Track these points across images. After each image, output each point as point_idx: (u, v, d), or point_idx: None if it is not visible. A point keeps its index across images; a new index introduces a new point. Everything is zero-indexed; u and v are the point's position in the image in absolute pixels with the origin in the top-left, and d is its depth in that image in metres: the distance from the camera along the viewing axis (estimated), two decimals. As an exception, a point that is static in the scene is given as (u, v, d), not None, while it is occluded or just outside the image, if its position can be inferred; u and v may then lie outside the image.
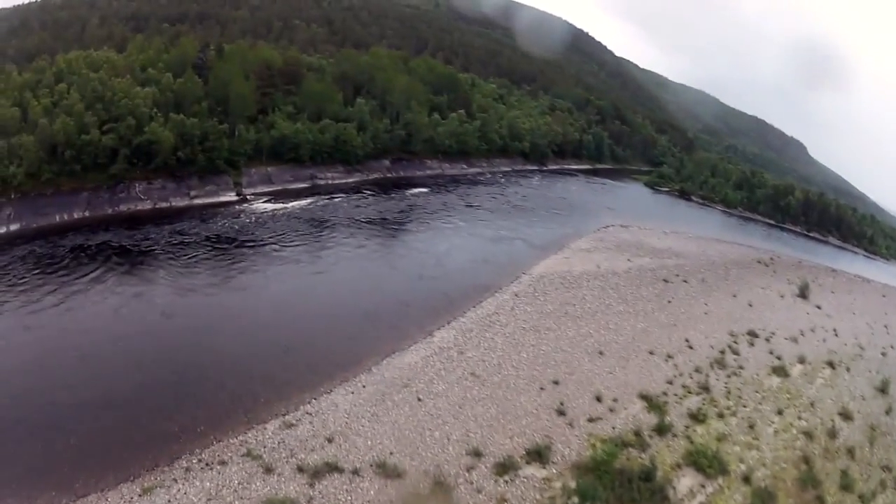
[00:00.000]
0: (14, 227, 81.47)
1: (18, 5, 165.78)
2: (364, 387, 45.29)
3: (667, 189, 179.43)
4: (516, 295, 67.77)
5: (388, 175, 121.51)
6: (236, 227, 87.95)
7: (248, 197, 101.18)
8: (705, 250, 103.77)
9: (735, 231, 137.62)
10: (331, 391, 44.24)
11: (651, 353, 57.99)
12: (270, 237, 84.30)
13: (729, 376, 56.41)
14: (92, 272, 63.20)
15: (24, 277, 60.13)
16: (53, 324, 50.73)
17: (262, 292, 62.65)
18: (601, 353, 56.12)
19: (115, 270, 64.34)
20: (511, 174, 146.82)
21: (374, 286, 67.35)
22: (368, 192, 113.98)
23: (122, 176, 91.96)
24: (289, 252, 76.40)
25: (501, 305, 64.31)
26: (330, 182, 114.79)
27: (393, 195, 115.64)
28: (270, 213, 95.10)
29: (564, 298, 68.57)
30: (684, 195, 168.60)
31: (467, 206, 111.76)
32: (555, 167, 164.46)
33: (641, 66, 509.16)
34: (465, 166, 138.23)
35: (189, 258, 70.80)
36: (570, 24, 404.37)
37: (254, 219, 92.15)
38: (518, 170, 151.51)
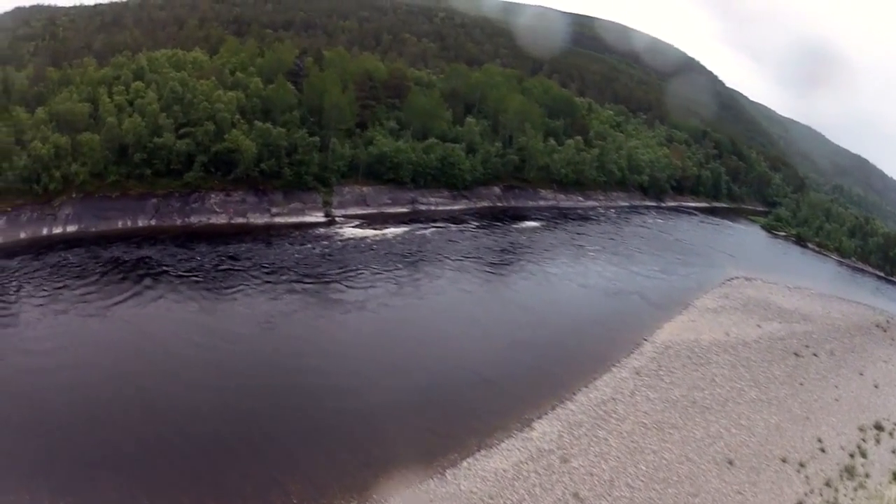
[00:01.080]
0: (71, 227, 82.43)
1: (114, 2, 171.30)
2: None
3: (783, 234, 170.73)
4: (637, 373, 60.71)
5: (498, 204, 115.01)
6: (319, 253, 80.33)
7: (337, 219, 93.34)
8: (829, 311, 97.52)
9: (849, 284, 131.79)
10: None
11: (783, 460, 51.77)
12: (354, 269, 76.41)
13: (856, 489, 50.04)
14: (160, 288, 63.31)
15: (86, 285, 61.74)
16: (127, 345, 50.95)
17: (318, 336, 59.72)
18: (731, 462, 49.44)
19: (184, 290, 64.14)
20: (627, 210, 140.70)
21: (463, 345, 61.02)
22: (474, 223, 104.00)
23: (196, 185, 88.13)
24: (371, 291, 71.01)
25: (619, 388, 56.96)
26: (432, 208, 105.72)
27: (500, 228, 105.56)
28: (360, 241, 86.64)
29: (692, 380, 62.29)
30: (800, 241, 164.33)
31: (580, 246, 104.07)
32: (672, 204, 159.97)
33: (752, 98, 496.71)
34: (580, 199, 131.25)
35: (263, 284, 68.94)
36: (682, 52, 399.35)
37: (340, 245, 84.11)
38: (635, 205, 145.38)
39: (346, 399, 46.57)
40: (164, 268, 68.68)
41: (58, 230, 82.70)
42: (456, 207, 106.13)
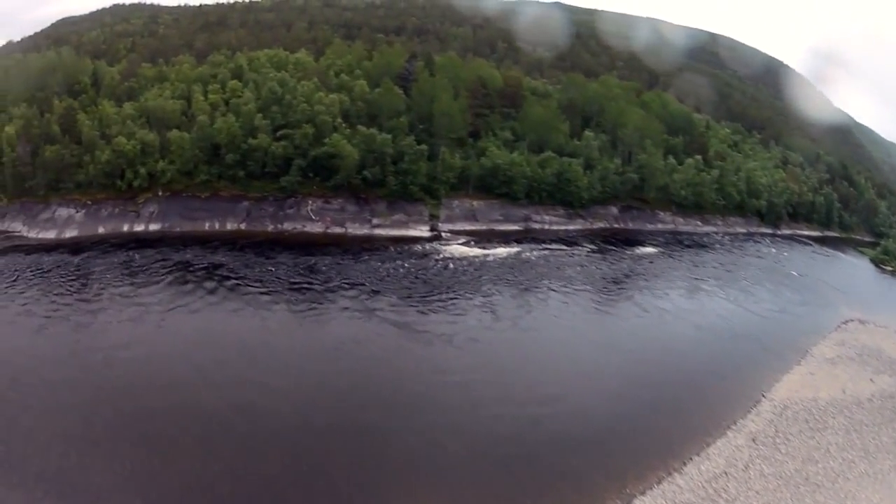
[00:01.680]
0: (154, 226, 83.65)
1: (220, 3, 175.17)
2: None
3: (891, 269, 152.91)
4: (753, 440, 54.08)
5: (615, 226, 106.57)
6: (417, 272, 72.68)
7: (443, 234, 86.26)
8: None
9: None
10: None
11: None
12: (451, 293, 68.53)
13: None
14: (254, 296, 62.36)
15: (161, 288, 62.32)
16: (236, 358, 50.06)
17: (381, 374, 52.92)
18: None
19: (281, 301, 62.57)
20: (743, 237, 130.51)
21: (559, 391, 53.54)
22: (588, 246, 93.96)
23: (293, 190, 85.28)
24: (463, 321, 63.40)
25: (733, 459, 50.42)
26: (546, 227, 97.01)
27: (615, 253, 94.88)
28: (464, 261, 78.30)
29: (808, 450, 55.30)
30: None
31: (696, 279, 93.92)
32: (787, 232, 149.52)
33: (857, 119, 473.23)
34: (699, 223, 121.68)
35: (350, 301, 64.27)
36: (793, 69, 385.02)
37: (442, 265, 76.20)
38: (752, 232, 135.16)
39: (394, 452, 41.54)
40: (249, 275, 66.62)
41: (139, 228, 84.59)
42: (571, 228, 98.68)
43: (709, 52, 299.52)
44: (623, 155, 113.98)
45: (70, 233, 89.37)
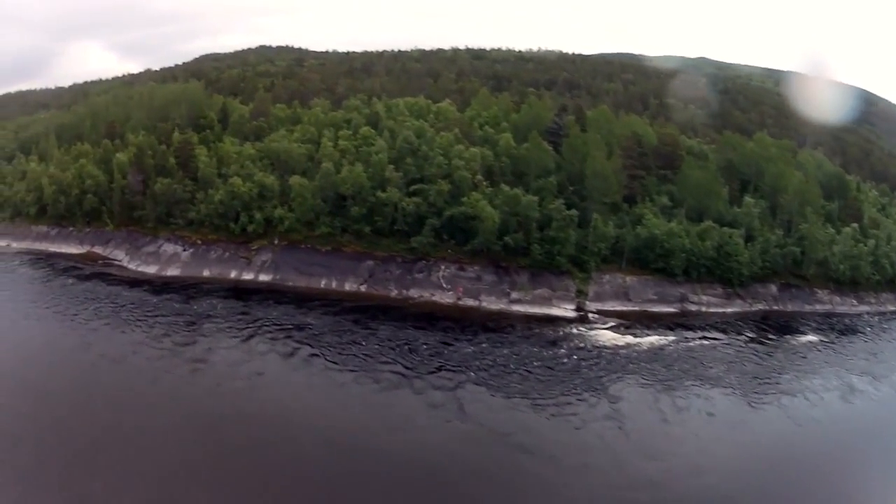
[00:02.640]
0: (265, 277, 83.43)
1: (367, 52, 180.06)
2: None
3: None
4: None
5: (773, 307, 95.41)
6: (554, 362, 63.64)
7: (589, 315, 77.55)
8: None
9: None
10: None
11: None
12: (584, 393, 59.78)
13: None
14: (378, 371, 59.23)
15: (277, 351, 61.46)
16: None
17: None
18: None
19: (405, 381, 58.03)
20: (890, 316, 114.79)
21: None
22: (743, 335, 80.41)
23: (424, 252, 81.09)
24: (588, 434, 54.49)
25: None
26: (703, 309, 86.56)
27: (771, 343, 79.95)
28: (611, 351, 68.02)
29: None
30: None
31: (850, 373, 77.97)
32: None
33: None
34: (854, 302, 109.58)
35: (473, 389, 57.97)
36: None
37: (585, 354, 66.46)
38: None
39: None
40: (359, 343, 64.27)
41: (248, 276, 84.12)
42: (729, 310, 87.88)
43: (849, 106, 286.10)
44: (783, 223, 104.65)
45: (172, 271, 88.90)
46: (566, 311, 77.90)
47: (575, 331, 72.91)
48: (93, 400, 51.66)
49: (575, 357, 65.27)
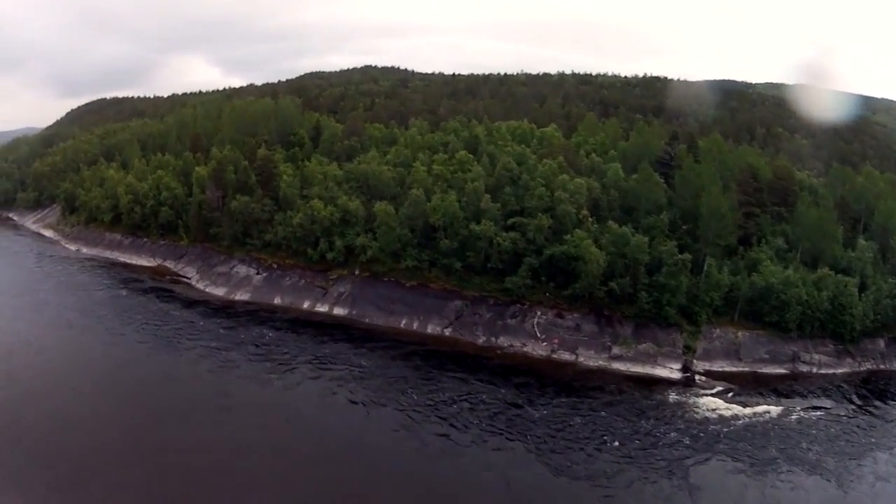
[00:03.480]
0: (341, 311, 79.87)
1: (473, 74, 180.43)
2: None
3: None
4: None
5: (881, 366, 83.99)
6: (649, 433, 56.70)
7: (696, 377, 69.45)
8: None
9: None
10: None
11: None
12: (680, 481, 52.04)
13: None
14: (428, 432, 54.43)
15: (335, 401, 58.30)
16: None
17: None
18: None
19: (454, 447, 52.78)
20: None
21: None
22: (852, 399, 69.13)
23: (519, 294, 74.83)
24: None
25: None
26: (814, 370, 77.12)
27: (880, 410, 71.06)
28: (712, 423, 60.41)
29: None
30: None
31: None
32: None
33: None
34: None
35: (557, 465, 51.47)
36: None
37: (684, 426, 58.81)
38: None
39: None
40: (434, 394, 59.72)
41: (322, 308, 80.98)
42: (838, 371, 79.20)
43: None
44: (894, 269, 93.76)
45: (242, 295, 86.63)
46: (671, 371, 70.10)
47: (673, 397, 64.75)
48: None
49: (663, 430, 57.93)
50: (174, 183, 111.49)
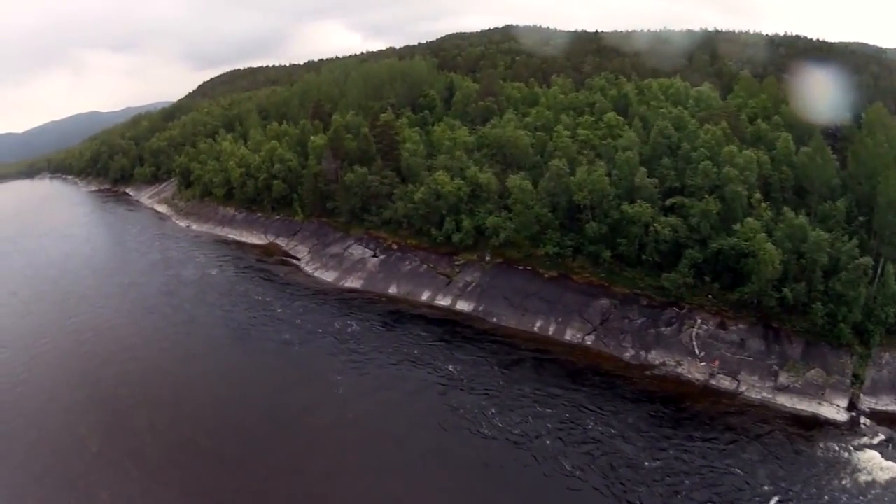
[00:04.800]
0: (465, 305, 71.89)
1: (616, 31, 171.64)
2: None
3: None
4: None
5: None
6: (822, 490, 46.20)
7: (861, 418, 55.52)
8: None
9: None
10: None
11: None
12: None
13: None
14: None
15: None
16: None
17: None
18: None
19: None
20: None
21: None
22: None
23: (677, 295, 64.05)
24: None
25: None
26: None
27: None
28: (854, 492, 47.50)
29: None
30: None
31: None
32: None
33: None
34: None
35: None
36: None
37: (849, 486, 47.42)
38: None
39: None
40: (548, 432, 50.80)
41: (443, 301, 73.78)
42: None
43: None
44: None
45: (353, 282, 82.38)
46: (837, 409, 55.82)
47: (840, 442, 51.64)
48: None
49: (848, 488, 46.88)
50: (289, 154, 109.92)
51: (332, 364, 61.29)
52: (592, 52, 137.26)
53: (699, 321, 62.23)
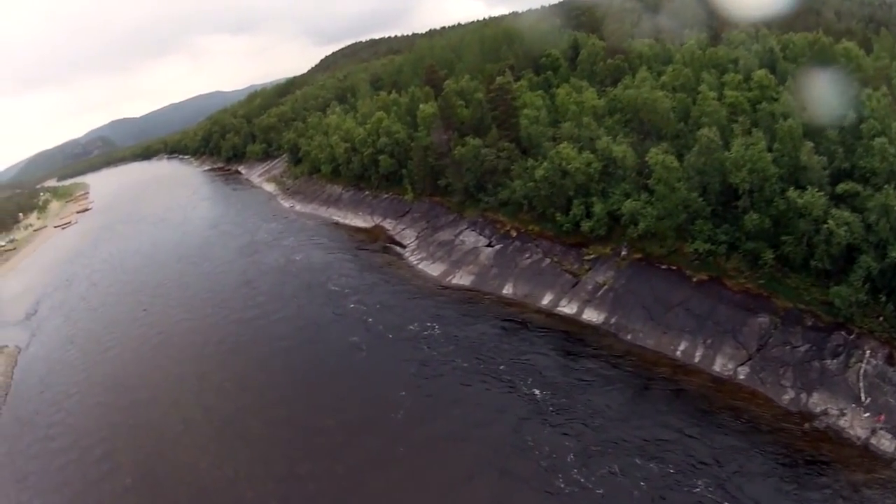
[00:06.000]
0: (594, 315, 59.38)
1: None
2: None
3: None
4: None
5: None
6: None
7: None
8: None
9: None
10: None
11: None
12: None
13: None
14: None
15: None
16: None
17: None
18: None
19: None
20: None
21: None
22: None
23: (847, 315, 48.99)
24: None
25: None
26: None
27: None
28: None
29: None
30: None
31: None
32: None
33: None
34: None
35: None
36: None
37: None
38: None
39: None
40: None
41: (567, 308, 61.45)
42: None
43: None
44: None
45: (462, 278, 72.93)
46: None
47: None
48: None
49: None
50: (396, 125, 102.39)
51: (399, 375, 54.13)
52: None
53: (868, 352, 46.87)
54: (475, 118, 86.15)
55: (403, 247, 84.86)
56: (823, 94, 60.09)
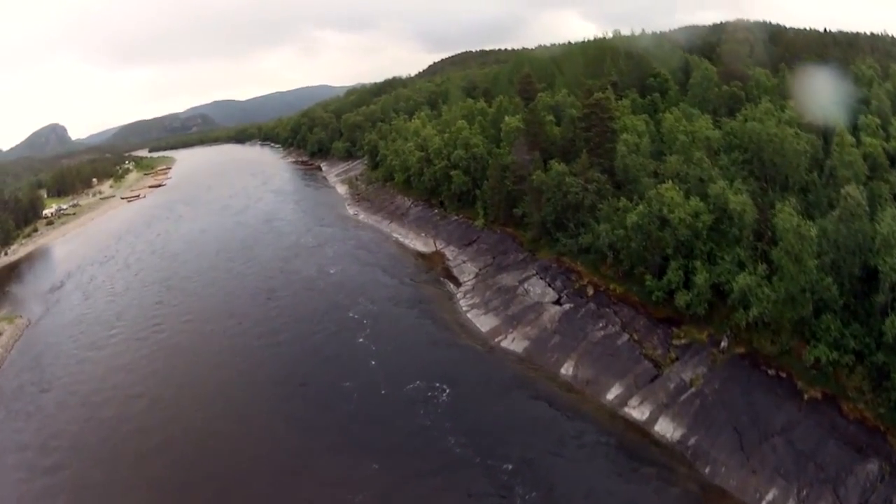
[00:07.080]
0: (668, 427, 44.76)
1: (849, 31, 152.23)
2: None
3: None
4: None
5: None
6: None
7: None
8: None
9: None
10: None
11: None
12: None
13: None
14: None
15: None
16: None
17: None
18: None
19: None
20: None
21: None
22: None
23: None
24: None
25: None
26: None
27: None
28: None
29: None
30: None
31: None
32: None
33: None
34: None
35: None
36: None
37: None
38: None
39: None
40: None
41: (637, 413, 47.18)
42: None
43: None
44: None
45: (515, 342, 59.89)
46: None
47: None
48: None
49: None
50: (476, 138, 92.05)
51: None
52: (827, 43, 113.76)
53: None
54: (565, 138, 75.10)
55: (459, 284, 73.10)
56: None
